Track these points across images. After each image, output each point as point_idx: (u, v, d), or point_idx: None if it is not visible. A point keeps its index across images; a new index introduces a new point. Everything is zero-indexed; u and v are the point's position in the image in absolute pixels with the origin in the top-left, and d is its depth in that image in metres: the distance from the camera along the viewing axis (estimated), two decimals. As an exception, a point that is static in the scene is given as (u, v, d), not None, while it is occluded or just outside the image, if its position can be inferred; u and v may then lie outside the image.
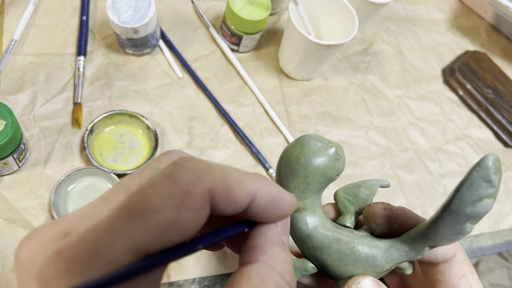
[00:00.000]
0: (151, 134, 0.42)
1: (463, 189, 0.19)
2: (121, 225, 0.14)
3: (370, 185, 0.26)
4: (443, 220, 0.21)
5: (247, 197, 0.17)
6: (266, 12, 0.47)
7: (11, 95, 0.42)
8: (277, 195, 0.18)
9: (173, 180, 0.15)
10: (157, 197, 0.14)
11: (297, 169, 0.22)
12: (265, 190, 0.17)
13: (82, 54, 0.45)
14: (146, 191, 0.15)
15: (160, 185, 0.15)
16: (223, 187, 0.16)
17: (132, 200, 0.15)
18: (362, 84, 0.55)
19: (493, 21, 0.69)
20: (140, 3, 0.43)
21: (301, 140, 0.23)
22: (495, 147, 0.57)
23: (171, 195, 0.15)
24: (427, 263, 0.24)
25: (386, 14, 0.64)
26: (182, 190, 0.15)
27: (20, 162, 0.38)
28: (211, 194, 0.15)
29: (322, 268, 0.24)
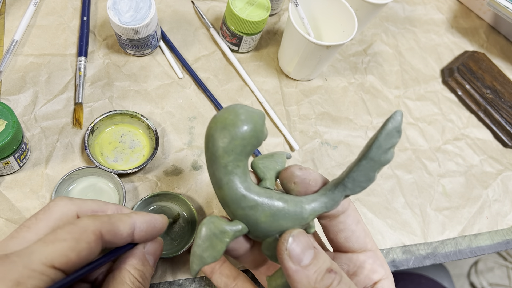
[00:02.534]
0: (152, 134, 0.42)
1: (381, 137, 0.24)
2: (38, 247, 0.22)
3: (280, 155, 0.30)
4: (361, 167, 0.25)
5: (129, 228, 0.26)
6: (266, 13, 0.47)
7: (12, 95, 0.42)
8: (151, 219, 0.27)
9: (75, 224, 0.24)
10: (63, 232, 0.23)
11: (235, 133, 0.23)
12: (141, 219, 0.27)
13: (83, 55, 0.45)
14: (56, 230, 0.23)
15: (65, 227, 0.23)
16: (109, 226, 0.25)
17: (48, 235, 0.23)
18: (362, 85, 0.56)
19: (492, 21, 0.69)
20: (140, 4, 0.43)
21: (233, 107, 0.24)
22: (494, 147, 0.57)
23: (73, 232, 0.23)
24: (331, 216, 0.28)
25: (385, 14, 0.64)
26: (80, 229, 0.23)
27: (21, 162, 0.38)
28: (102, 232, 0.24)
29: (252, 227, 0.26)
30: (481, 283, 1.23)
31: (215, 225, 0.25)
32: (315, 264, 0.23)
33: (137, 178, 0.42)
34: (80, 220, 0.24)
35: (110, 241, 0.25)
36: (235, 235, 0.25)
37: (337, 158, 0.49)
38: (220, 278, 0.33)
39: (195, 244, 0.25)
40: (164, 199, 0.41)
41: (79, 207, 0.26)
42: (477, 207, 0.52)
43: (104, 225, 0.24)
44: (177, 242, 0.39)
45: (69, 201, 0.26)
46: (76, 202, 0.27)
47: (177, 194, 0.40)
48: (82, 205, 0.27)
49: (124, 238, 0.26)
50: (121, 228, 0.25)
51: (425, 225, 0.48)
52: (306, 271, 0.23)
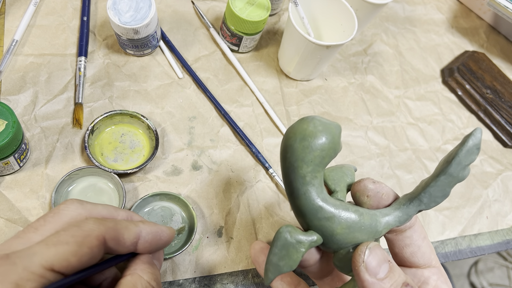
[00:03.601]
0: (152, 134, 0.42)
1: (462, 154, 0.24)
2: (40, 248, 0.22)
3: (349, 167, 0.30)
4: (439, 183, 0.25)
5: (134, 238, 0.25)
6: (266, 12, 0.47)
7: (12, 95, 0.42)
8: (157, 232, 0.27)
9: (79, 227, 0.23)
10: (67, 235, 0.23)
11: (314, 144, 0.24)
12: (147, 230, 0.26)
13: (83, 55, 0.45)
14: (60, 231, 0.23)
15: (70, 229, 0.23)
16: (114, 232, 0.24)
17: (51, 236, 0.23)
18: (362, 85, 0.56)
19: (492, 21, 0.69)
20: (140, 4, 0.43)
21: (312, 118, 0.24)
22: (494, 147, 0.57)
23: (77, 235, 0.23)
24: (398, 231, 0.28)
25: (386, 14, 0.64)
26: (84, 233, 0.23)
27: (21, 162, 0.38)
28: (105, 238, 0.24)
29: (327, 239, 0.25)
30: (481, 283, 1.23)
31: (291, 235, 0.25)
32: (391, 278, 0.23)
33: (137, 178, 0.42)
34: (85, 223, 0.23)
35: (112, 248, 0.24)
36: (311, 245, 0.25)
37: (337, 158, 0.49)
38: (281, 285, 0.31)
39: (271, 252, 0.25)
40: (164, 199, 0.41)
41: (89, 212, 0.26)
42: (477, 207, 0.52)
43: (109, 231, 0.24)
44: (175, 243, 0.39)
45: (80, 206, 0.26)
46: (86, 207, 0.26)
47: (177, 195, 0.40)
48: (93, 210, 0.26)
49: (127, 247, 0.25)
50: (125, 236, 0.25)
51: (425, 225, 0.48)
52: (382, 283, 0.23)
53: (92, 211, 0.26)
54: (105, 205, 0.27)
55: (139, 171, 0.42)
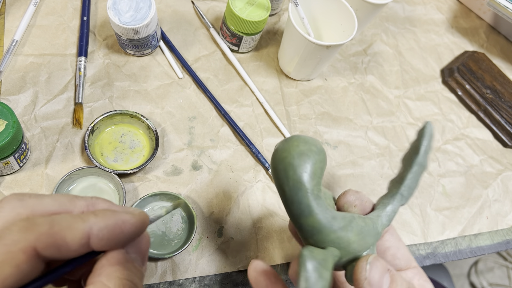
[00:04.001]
0: (152, 134, 0.42)
1: (427, 143, 0.26)
2: None
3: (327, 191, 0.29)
4: (414, 174, 0.27)
5: (80, 239, 0.19)
6: (266, 13, 0.47)
7: (12, 95, 0.42)
8: (115, 224, 0.20)
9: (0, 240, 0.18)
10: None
11: (314, 157, 0.24)
12: (101, 225, 0.20)
13: (83, 55, 0.45)
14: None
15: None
16: (49, 239, 0.18)
17: None
18: (362, 85, 0.56)
19: (492, 21, 0.69)
20: (140, 4, 0.43)
21: (296, 137, 0.25)
22: (494, 147, 0.57)
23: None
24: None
25: (385, 14, 0.64)
26: (3, 249, 0.18)
27: (21, 162, 0.38)
28: (37, 248, 0.18)
29: (344, 250, 0.25)
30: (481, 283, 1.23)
31: (315, 255, 0.24)
32: (396, 286, 0.23)
33: (137, 178, 0.42)
34: (5, 234, 0.18)
35: (54, 256, 0.19)
36: (334, 260, 0.25)
37: (337, 158, 0.49)
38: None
39: (303, 279, 0.23)
40: (164, 199, 0.41)
41: (31, 210, 0.20)
42: (477, 207, 0.52)
43: (42, 238, 0.18)
44: (175, 242, 0.40)
45: (18, 203, 0.20)
46: (27, 204, 0.20)
47: (177, 195, 0.40)
48: (36, 206, 0.20)
49: (75, 250, 0.19)
50: (68, 238, 0.19)
51: (425, 225, 0.48)
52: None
53: (35, 208, 0.20)
54: (55, 196, 0.21)
55: (139, 171, 0.42)
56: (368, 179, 0.49)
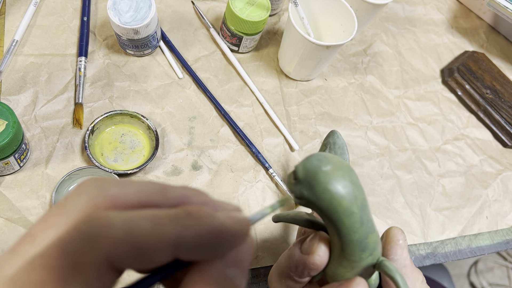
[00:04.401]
0: (152, 134, 0.42)
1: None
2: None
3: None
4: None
5: (167, 248, 0.14)
6: (266, 13, 0.47)
7: (13, 95, 0.42)
8: (210, 232, 0.15)
9: (62, 249, 0.13)
10: (42, 271, 0.13)
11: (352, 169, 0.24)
12: (191, 233, 0.14)
13: (83, 55, 0.45)
14: (34, 262, 0.14)
15: (48, 255, 0.13)
16: (128, 247, 0.14)
17: (21, 271, 0.14)
18: (361, 85, 0.56)
19: (492, 21, 0.69)
20: (140, 4, 0.43)
21: (323, 155, 0.24)
22: (494, 147, 0.57)
23: (57, 269, 0.13)
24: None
25: (385, 15, 0.64)
26: (70, 262, 0.13)
27: (21, 162, 0.38)
28: (112, 259, 0.14)
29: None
30: (481, 283, 1.23)
31: None
32: None
33: (137, 178, 0.42)
34: (71, 241, 0.14)
35: (131, 267, 0.14)
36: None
37: (337, 158, 0.49)
38: None
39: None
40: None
41: (114, 201, 0.16)
42: (477, 207, 0.52)
43: (118, 246, 0.14)
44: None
45: (98, 191, 0.16)
46: (109, 194, 0.16)
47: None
48: (119, 196, 0.16)
49: (159, 262, 0.14)
50: (152, 247, 0.14)
51: (425, 225, 0.48)
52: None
53: (118, 199, 0.16)
54: (143, 185, 0.16)
55: (139, 171, 0.42)
56: (368, 179, 0.49)
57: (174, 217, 0.14)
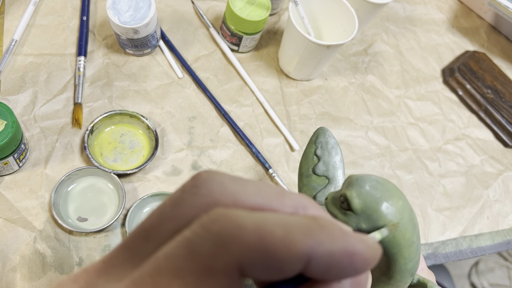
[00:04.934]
0: (152, 134, 0.42)
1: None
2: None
3: None
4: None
5: (297, 262, 0.12)
6: (266, 12, 0.47)
7: (12, 95, 0.42)
8: (344, 251, 0.13)
9: (190, 250, 0.12)
10: (170, 274, 0.12)
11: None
12: (325, 248, 0.13)
13: (82, 54, 0.45)
14: (159, 262, 0.12)
15: (174, 256, 0.12)
16: (259, 254, 0.12)
17: (141, 272, 0.12)
18: (362, 84, 0.56)
19: (493, 21, 0.69)
20: (140, 4, 0.43)
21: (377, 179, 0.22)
22: (495, 147, 0.57)
23: (186, 273, 0.12)
24: None
25: (386, 14, 0.64)
26: (200, 266, 0.12)
27: (20, 162, 0.38)
28: (242, 267, 0.12)
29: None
30: (481, 284, 1.23)
31: None
32: None
33: (137, 179, 0.42)
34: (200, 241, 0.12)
35: (256, 277, 0.13)
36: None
37: (337, 158, 0.49)
38: None
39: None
40: (164, 199, 0.41)
41: (234, 199, 0.14)
42: (478, 207, 0.52)
43: (250, 252, 0.12)
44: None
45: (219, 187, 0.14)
46: (229, 191, 0.14)
47: None
48: (239, 195, 0.14)
49: (286, 275, 0.13)
50: (282, 257, 0.12)
51: (426, 226, 0.48)
52: None
53: (237, 197, 0.14)
54: (260, 186, 0.15)
55: (139, 171, 0.42)
56: (369, 179, 0.49)
57: (307, 228, 0.13)
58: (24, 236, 0.37)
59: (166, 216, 0.13)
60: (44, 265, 0.36)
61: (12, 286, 0.35)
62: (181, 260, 0.12)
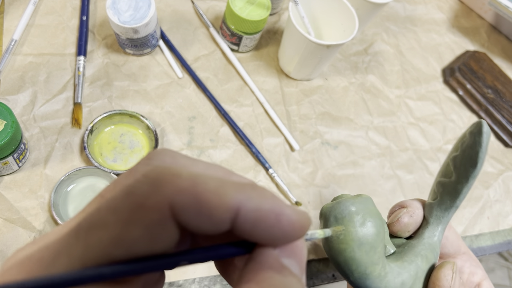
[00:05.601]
0: (151, 134, 0.42)
1: (485, 152, 0.23)
2: (66, 242, 0.14)
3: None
4: (470, 185, 0.25)
5: (227, 210, 0.14)
6: (266, 12, 0.47)
7: (11, 95, 0.42)
8: (271, 210, 0.14)
9: (128, 191, 0.13)
10: (106, 212, 0.13)
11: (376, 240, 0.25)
12: (253, 204, 0.14)
13: (82, 54, 0.45)
14: (100, 205, 0.14)
15: (115, 198, 0.14)
16: (191, 199, 0.13)
17: (86, 214, 0.14)
18: (362, 84, 0.55)
19: (493, 21, 0.69)
20: (140, 3, 0.43)
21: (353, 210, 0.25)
22: (495, 147, 0.57)
23: (120, 209, 0.13)
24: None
25: (386, 14, 0.64)
26: (133, 203, 0.13)
27: (20, 162, 0.38)
28: (174, 208, 0.13)
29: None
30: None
31: None
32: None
33: (137, 178, 0.41)
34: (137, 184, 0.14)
35: (189, 224, 0.14)
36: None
37: (337, 158, 0.49)
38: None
39: None
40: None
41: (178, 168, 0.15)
42: (478, 207, 0.52)
43: (182, 194, 0.13)
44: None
45: (170, 160, 0.15)
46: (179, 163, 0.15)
47: None
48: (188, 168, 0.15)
49: (216, 224, 0.14)
50: (213, 204, 0.13)
51: (426, 226, 0.48)
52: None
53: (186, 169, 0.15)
54: (209, 164, 0.16)
55: (139, 171, 0.42)
56: (369, 179, 0.49)
57: (239, 184, 0.14)
58: (23, 236, 0.37)
59: (119, 183, 0.15)
60: (44, 265, 0.36)
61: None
62: (118, 200, 0.13)
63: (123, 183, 0.14)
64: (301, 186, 0.46)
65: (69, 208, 0.39)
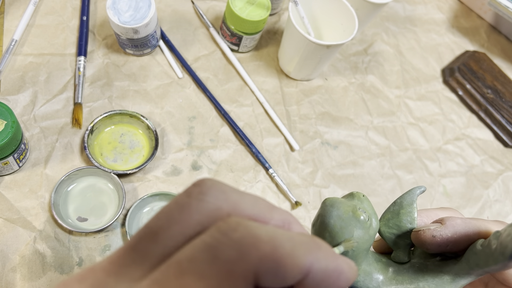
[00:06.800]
0: (151, 134, 0.42)
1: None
2: None
3: (407, 206, 0.23)
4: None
5: (298, 274, 0.14)
6: (266, 12, 0.47)
7: (12, 95, 0.42)
8: (335, 269, 0.15)
9: (212, 254, 0.13)
10: (192, 277, 0.12)
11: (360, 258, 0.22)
12: (322, 265, 0.14)
13: (82, 54, 0.45)
14: (182, 264, 0.13)
15: (196, 259, 0.13)
16: (272, 264, 0.13)
17: (163, 274, 0.13)
18: (362, 84, 0.56)
19: (493, 21, 0.69)
20: (140, 4, 0.43)
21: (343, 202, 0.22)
22: (495, 147, 0.57)
23: (209, 275, 0.12)
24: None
25: (386, 14, 0.64)
26: (222, 271, 0.12)
27: (20, 162, 0.38)
28: (257, 274, 0.13)
29: None
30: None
31: None
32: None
33: (137, 179, 0.42)
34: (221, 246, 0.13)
35: (265, 283, 0.14)
36: None
37: (337, 158, 0.49)
38: None
39: None
40: (164, 199, 0.41)
41: (234, 208, 0.15)
42: (478, 207, 0.52)
43: (265, 261, 0.13)
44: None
45: (222, 195, 0.15)
46: (231, 199, 0.15)
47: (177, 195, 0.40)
48: (238, 204, 0.15)
49: (285, 284, 0.14)
50: (288, 268, 0.14)
51: (426, 226, 0.48)
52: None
53: (237, 206, 0.15)
54: (255, 198, 0.16)
55: (139, 171, 0.42)
56: (369, 179, 0.49)
57: (307, 244, 0.14)
58: (24, 236, 0.37)
59: (174, 219, 0.14)
60: (44, 265, 0.36)
61: (12, 286, 0.35)
62: (204, 264, 0.12)
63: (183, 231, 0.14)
64: (301, 186, 0.46)
65: (69, 208, 0.39)
